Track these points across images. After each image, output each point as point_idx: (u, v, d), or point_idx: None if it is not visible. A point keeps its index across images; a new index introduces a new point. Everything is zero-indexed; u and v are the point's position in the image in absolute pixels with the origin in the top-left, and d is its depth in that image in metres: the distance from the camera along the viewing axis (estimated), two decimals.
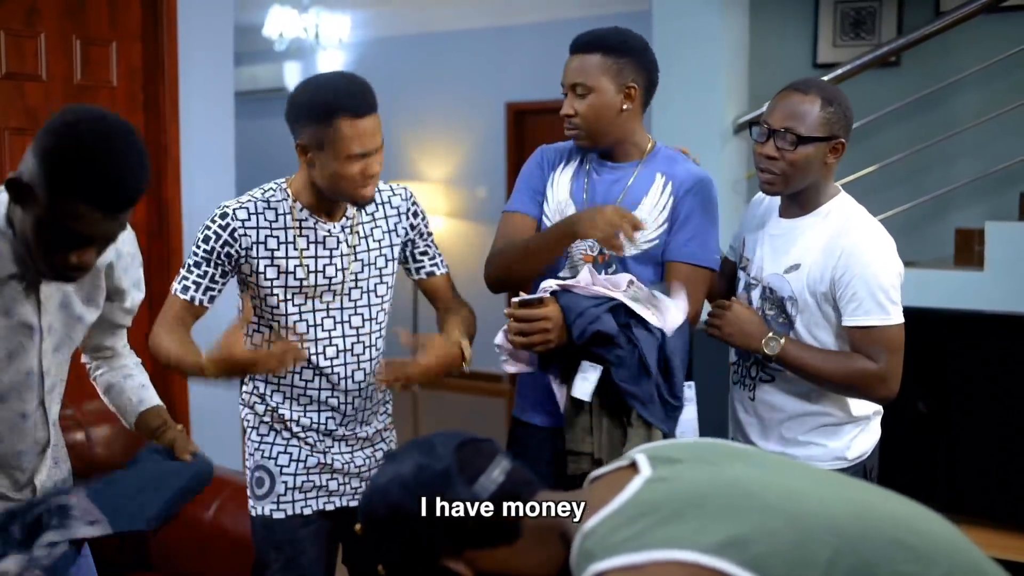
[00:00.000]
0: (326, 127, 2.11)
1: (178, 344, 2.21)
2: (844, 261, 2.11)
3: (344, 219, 2.31)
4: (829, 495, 1.34)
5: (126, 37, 3.69)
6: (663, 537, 1.25)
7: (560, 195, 2.41)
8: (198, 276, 2.25)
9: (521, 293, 2.16)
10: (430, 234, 2.46)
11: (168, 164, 3.74)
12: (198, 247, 2.25)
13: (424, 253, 2.43)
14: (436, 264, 2.45)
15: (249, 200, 2.26)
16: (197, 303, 2.26)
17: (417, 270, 2.43)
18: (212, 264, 2.24)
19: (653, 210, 2.33)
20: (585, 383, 2.15)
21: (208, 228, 2.24)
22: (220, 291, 2.29)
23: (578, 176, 2.41)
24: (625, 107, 2.31)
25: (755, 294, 2.27)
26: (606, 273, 2.29)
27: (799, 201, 2.23)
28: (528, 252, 2.34)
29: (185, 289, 2.26)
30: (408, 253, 2.41)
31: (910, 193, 4.32)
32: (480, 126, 7.47)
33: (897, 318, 2.14)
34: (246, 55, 6.74)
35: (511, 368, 2.28)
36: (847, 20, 4.92)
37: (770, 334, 2.16)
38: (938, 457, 3.79)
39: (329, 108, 2.11)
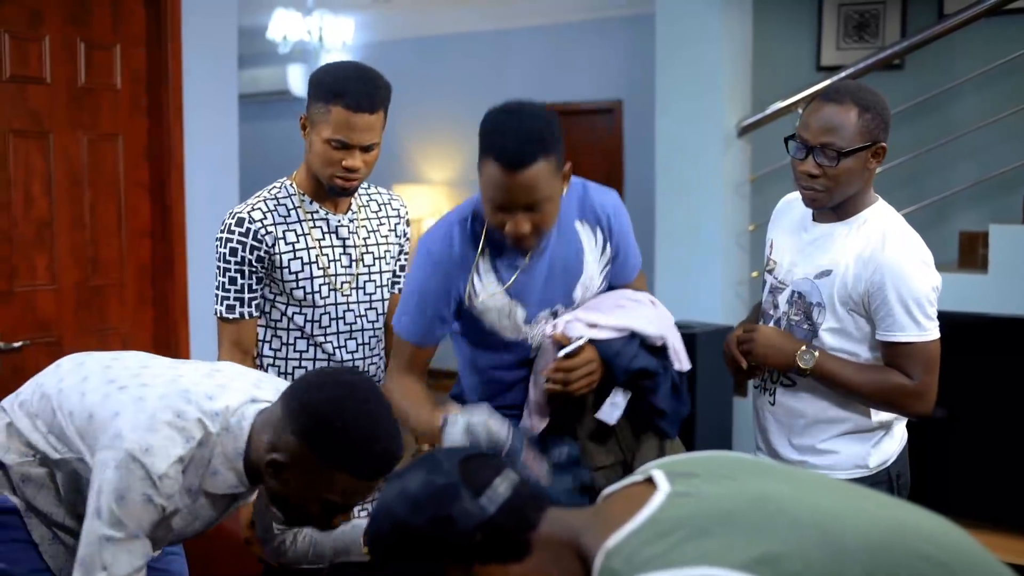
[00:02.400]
0: (323, 107, 2.17)
1: None
2: (880, 275, 2.05)
3: (350, 211, 2.34)
4: (855, 509, 1.32)
5: (130, 40, 3.69)
6: (693, 554, 1.21)
7: (498, 302, 2.12)
8: (237, 291, 2.24)
9: (560, 343, 2.08)
10: (408, 252, 2.49)
11: (172, 167, 3.74)
12: (227, 262, 2.23)
13: (403, 268, 2.47)
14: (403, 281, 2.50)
15: (258, 200, 2.28)
16: (248, 317, 2.26)
17: (392, 284, 2.45)
18: (246, 274, 2.24)
19: (596, 265, 2.20)
20: (615, 409, 2.12)
21: (229, 240, 2.23)
22: (262, 296, 2.28)
23: (501, 272, 2.12)
24: (565, 191, 2.07)
25: (782, 298, 2.22)
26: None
27: (836, 207, 2.17)
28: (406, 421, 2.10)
29: (231, 308, 2.25)
30: None
31: (914, 196, 4.32)
32: None
33: (933, 334, 2.10)
34: (249, 58, 6.73)
35: (541, 425, 2.17)
36: (850, 22, 4.92)
37: (803, 347, 2.12)
38: (941, 460, 3.78)
39: (331, 91, 2.17)
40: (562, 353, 2.07)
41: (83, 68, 3.56)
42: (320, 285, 2.27)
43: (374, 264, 2.37)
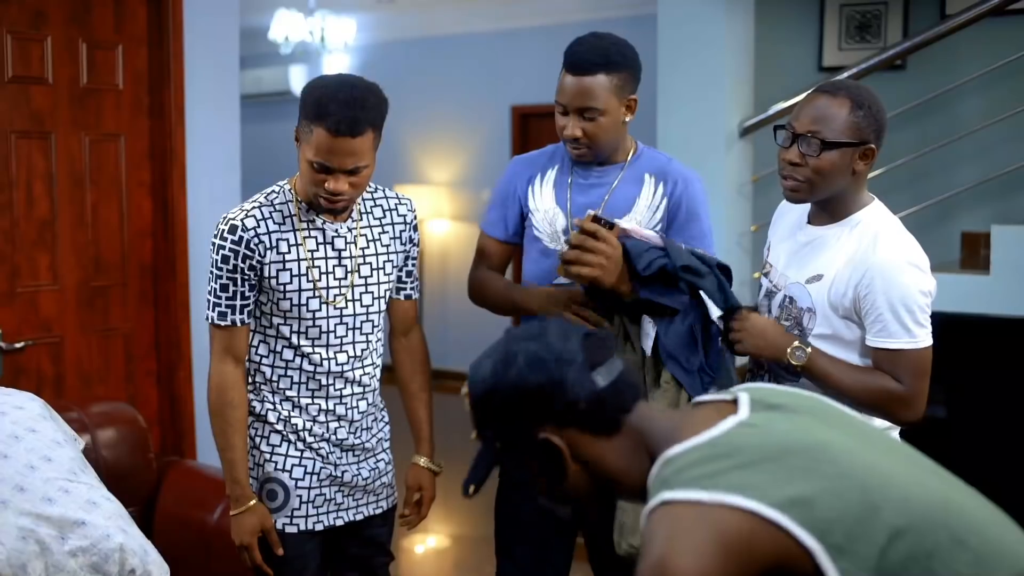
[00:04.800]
0: (308, 126, 2.11)
1: None
2: (870, 279, 2.00)
3: (351, 220, 2.28)
4: (911, 479, 1.37)
5: (132, 41, 3.69)
6: (735, 482, 1.29)
7: (546, 203, 2.40)
8: (228, 298, 2.20)
9: (591, 211, 2.18)
10: (416, 257, 2.46)
11: (174, 168, 3.75)
12: (219, 269, 2.19)
13: (409, 274, 2.43)
14: (415, 288, 2.46)
15: (254, 206, 2.22)
16: (240, 324, 2.22)
17: (398, 290, 2.42)
18: (239, 282, 2.19)
19: (647, 211, 2.34)
20: (647, 339, 2.18)
21: (222, 248, 2.18)
22: (255, 302, 2.24)
23: (561, 182, 2.40)
24: (627, 119, 2.31)
25: (775, 302, 2.19)
26: None
27: (828, 208, 2.13)
28: (496, 303, 2.46)
29: (223, 315, 2.21)
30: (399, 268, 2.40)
31: (916, 197, 4.31)
32: (485, 129, 7.48)
33: (924, 341, 2.03)
34: (251, 58, 6.74)
35: None
36: (852, 23, 4.92)
37: (796, 343, 2.07)
38: (942, 460, 3.78)
39: (315, 112, 2.08)
40: (590, 212, 2.16)
41: (85, 68, 3.57)
42: (309, 298, 2.22)
43: (371, 275, 2.30)
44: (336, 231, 2.26)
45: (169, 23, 3.71)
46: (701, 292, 2.18)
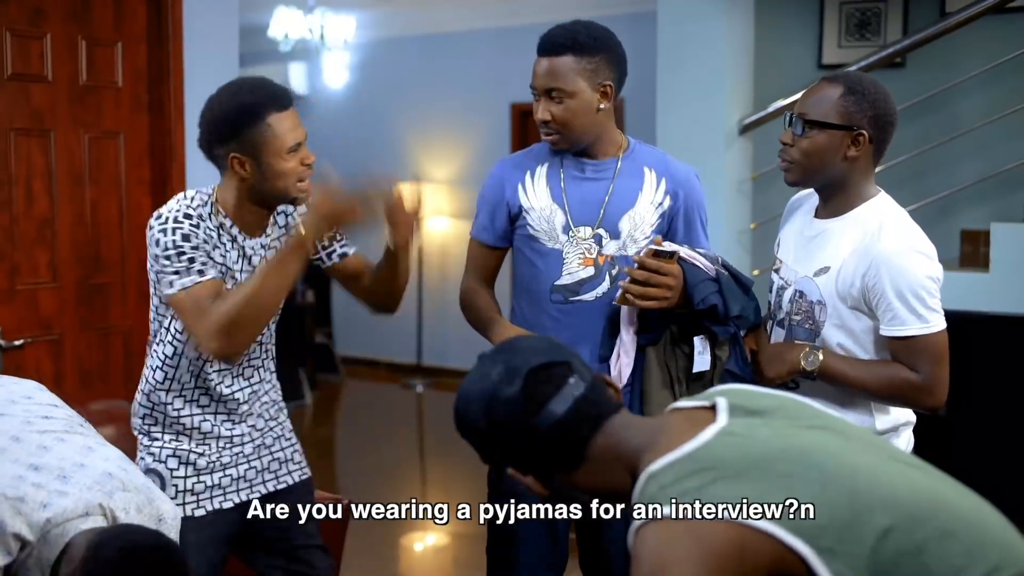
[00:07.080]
0: (257, 128, 2.07)
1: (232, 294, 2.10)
2: (876, 268, 2.01)
3: (264, 236, 2.24)
4: (896, 476, 1.37)
5: (131, 38, 3.69)
6: (721, 495, 1.29)
7: (541, 201, 2.34)
8: (202, 261, 2.08)
9: (654, 244, 2.16)
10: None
11: (173, 165, 3.75)
12: (179, 247, 2.06)
13: (332, 237, 2.33)
14: (345, 245, 2.37)
15: (188, 208, 2.14)
16: (213, 278, 2.10)
17: (329, 255, 2.33)
18: (202, 250, 2.10)
19: (650, 207, 2.33)
20: (703, 357, 2.21)
21: (178, 229, 2.07)
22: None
23: (553, 178, 2.35)
24: (602, 106, 2.27)
25: (785, 297, 2.20)
26: (610, 275, 2.30)
27: (833, 201, 2.15)
28: (475, 327, 2.42)
29: (201, 272, 2.07)
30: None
31: (915, 194, 4.31)
32: (485, 127, 7.47)
33: (937, 325, 2.04)
34: (251, 56, 6.73)
35: (628, 368, 2.27)
36: (852, 21, 4.92)
37: (806, 349, 2.09)
38: (942, 458, 3.78)
39: (255, 108, 2.07)
40: (650, 247, 2.15)
41: (84, 66, 3.57)
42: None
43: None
44: (252, 248, 2.22)
45: (169, 20, 3.71)
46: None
